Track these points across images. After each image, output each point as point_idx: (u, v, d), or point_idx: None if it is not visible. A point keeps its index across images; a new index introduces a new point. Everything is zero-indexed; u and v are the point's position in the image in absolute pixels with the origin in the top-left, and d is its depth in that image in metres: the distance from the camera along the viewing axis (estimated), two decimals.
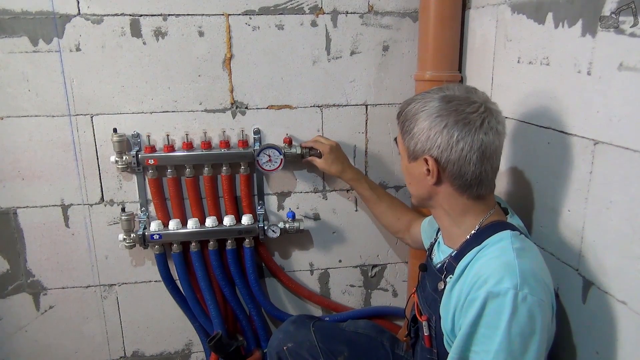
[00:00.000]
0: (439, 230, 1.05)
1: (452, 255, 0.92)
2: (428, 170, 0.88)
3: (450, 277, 0.89)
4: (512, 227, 0.88)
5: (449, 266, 0.91)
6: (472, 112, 0.84)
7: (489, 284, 0.78)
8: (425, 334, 0.96)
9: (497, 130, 0.86)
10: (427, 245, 1.17)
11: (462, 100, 0.85)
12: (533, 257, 0.83)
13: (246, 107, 1.41)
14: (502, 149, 0.89)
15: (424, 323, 0.96)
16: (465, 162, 0.85)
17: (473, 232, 0.90)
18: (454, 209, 0.92)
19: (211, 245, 1.43)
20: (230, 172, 1.41)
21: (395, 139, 0.99)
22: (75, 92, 1.33)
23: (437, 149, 0.85)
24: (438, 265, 0.96)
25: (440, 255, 0.99)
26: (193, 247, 1.42)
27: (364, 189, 1.37)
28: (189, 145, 1.38)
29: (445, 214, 0.94)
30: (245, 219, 1.42)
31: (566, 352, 0.97)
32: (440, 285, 0.91)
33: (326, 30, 1.39)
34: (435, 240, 1.05)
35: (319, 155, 1.37)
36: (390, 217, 1.36)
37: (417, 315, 0.99)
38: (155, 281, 1.51)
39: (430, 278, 0.98)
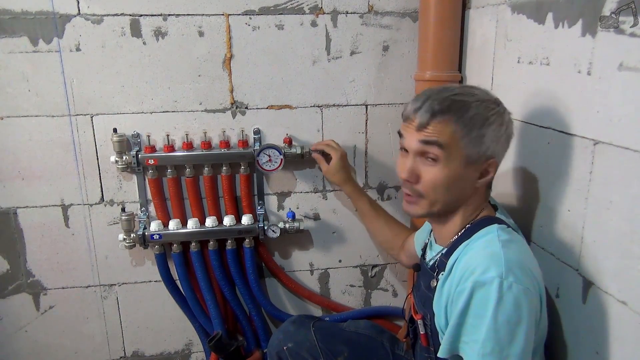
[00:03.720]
0: (431, 231, 1.06)
1: (443, 252, 0.94)
2: (486, 170, 0.89)
3: (442, 274, 0.90)
4: (500, 221, 0.90)
5: (440, 263, 0.93)
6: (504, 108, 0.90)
7: (475, 274, 0.80)
8: (421, 333, 0.97)
9: None
10: (419, 249, 1.17)
11: (496, 98, 0.91)
12: (519, 248, 0.85)
13: (246, 107, 1.41)
14: None
15: (420, 321, 0.97)
16: (503, 157, 0.92)
17: (463, 229, 0.92)
18: (474, 207, 0.93)
19: (211, 245, 1.43)
20: (230, 172, 1.41)
21: (439, 145, 0.85)
22: (75, 92, 1.33)
23: (502, 150, 0.91)
24: (430, 263, 0.98)
25: (432, 254, 1.00)
26: (193, 247, 1.42)
27: (364, 202, 1.38)
28: (189, 145, 1.38)
29: (459, 216, 0.92)
30: (245, 219, 1.42)
31: (566, 352, 0.97)
32: (433, 283, 0.93)
33: (326, 30, 1.39)
34: (429, 241, 1.06)
35: (327, 159, 1.38)
36: (387, 233, 1.36)
37: (413, 315, 1.00)
38: (155, 281, 1.51)
39: (424, 277, 0.99)
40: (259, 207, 1.49)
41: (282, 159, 1.39)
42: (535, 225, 1.07)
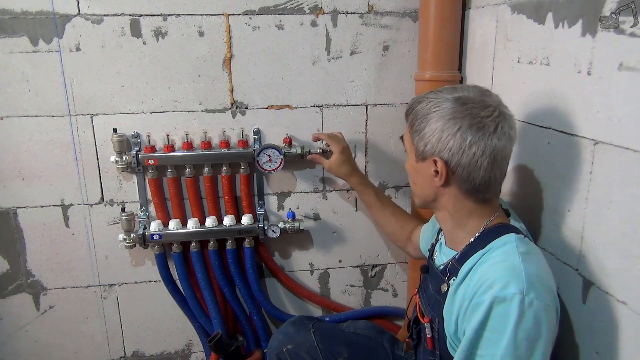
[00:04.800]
0: (439, 231, 1.05)
1: (456, 257, 0.91)
2: (436, 171, 0.87)
3: (454, 280, 0.88)
4: (516, 230, 0.87)
5: (452, 268, 0.91)
6: (486, 116, 0.83)
7: (494, 289, 0.78)
8: (427, 336, 0.95)
9: (510, 135, 0.85)
10: (426, 248, 1.16)
11: (476, 103, 0.84)
12: (538, 261, 0.83)
13: (246, 107, 1.41)
14: (511, 154, 0.88)
15: (427, 325, 0.95)
16: (475, 167, 0.84)
17: (477, 234, 0.89)
18: (458, 211, 0.91)
19: (211, 245, 1.43)
20: (230, 172, 1.41)
21: (402, 137, 0.97)
22: (75, 92, 1.33)
23: (448, 151, 0.84)
24: (441, 267, 0.96)
25: (442, 257, 0.98)
26: (193, 247, 1.42)
27: (370, 194, 1.36)
28: (189, 145, 1.38)
29: (449, 216, 0.93)
30: (245, 219, 1.42)
31: (566, 352, 0.97)
32: (444, 288, 0.91)
33: (326, 30, 1.39)
34: (437, 241, 1.05)
35: (327, 155, 1.36)
36: (394, 225, 1.34)
37: (419, 317, 0.99)
38: (155, 281, 1.51)
39: (433, 280, 0.97)
40: (259, 207, 1.49)
41: (282, 159, 1.39)
42: (535, 225, 1.07)
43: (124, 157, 1.34)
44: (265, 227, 1.42)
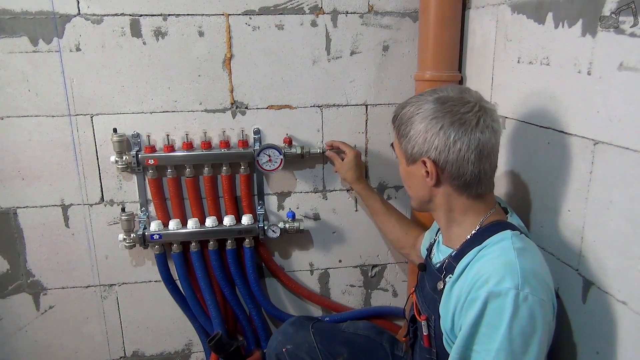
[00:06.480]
0: (438, 230, 1.05)
1: (452, 255, 0.92)
2: (427, 172, 0.89)
3: (450, 277, 0.89)
4: (513, 227, 0.88)
5: (449, 266, 0.91)
6: (467, 111, 0.85)
7: (490, 284, 0.78)
8: (424, 334, 0.96)
9: (493, 128, 0.87)
10: (424, 248, 1.16)
11: (456, 101, 0.86)
12: (534, 257, 0.84)
13: (246, 107, 1.41)
14: (498, 146, 0.90)
15: (423, 323, 0.96)
16: (463, 162, 0.86)
17: (473, 231, 0.90)
18: (454, 209, 0.92)
19: (211, 245, 1.43)
20: (230, 172, 1.41)
21: (392, 144, 0.99)
22: (75, 92, 1.33)
23: (435, 150, 0.86)
24: (437, 265, 0.96)
25: (439, 255, 0.99)
26: (193, 247, 1.42)
27: (375, 200, 1.38)
28: (189, 145, 1.38)
29: (445, 215, 0.94)
30: (245, 219, 1.42)
31: (566, 352, 0.97)
32: (440, 285, 0.92)
33: (326, 30, 1.39)
34: (435, 241, 1.05)
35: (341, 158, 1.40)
36: (398, 231, 1.35)
37: (416, 315, 0.99)
38: (155, 281, 1.51)
39: (430, 278, 0.98)
40: (259, 207, 1.49)
41: (282, 159, 1.39)
42: (536, 225, 1.07)
43: (124, 157, 1.34)
44: (265, 227, 1.42)
